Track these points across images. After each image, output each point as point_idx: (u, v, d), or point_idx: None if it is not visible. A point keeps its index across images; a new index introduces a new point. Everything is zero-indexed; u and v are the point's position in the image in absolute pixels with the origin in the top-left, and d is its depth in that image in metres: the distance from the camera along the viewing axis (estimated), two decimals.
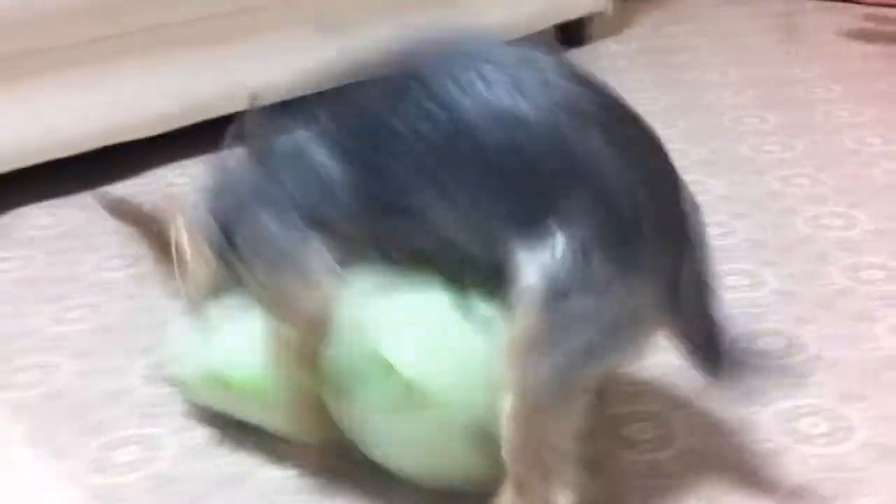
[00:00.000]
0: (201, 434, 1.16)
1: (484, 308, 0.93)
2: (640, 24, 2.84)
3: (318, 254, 0.95)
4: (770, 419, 1.11)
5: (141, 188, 1.94)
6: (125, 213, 1.04)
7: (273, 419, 1.08)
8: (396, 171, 0.92)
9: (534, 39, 2.61)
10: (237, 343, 1.07)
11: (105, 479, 1.09)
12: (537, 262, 0.86)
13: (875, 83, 2.20)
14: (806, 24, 2.78)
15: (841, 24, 2.68)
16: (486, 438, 0.91)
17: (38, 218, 1.82)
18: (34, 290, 1.55)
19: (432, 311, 0.94)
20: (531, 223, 0.87)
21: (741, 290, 1.37)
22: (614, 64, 2.49)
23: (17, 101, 1.81)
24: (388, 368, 0.92)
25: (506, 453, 0.89)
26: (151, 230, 1.04)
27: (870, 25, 2.63)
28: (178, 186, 1.94)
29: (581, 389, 0.90)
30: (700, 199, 0.97)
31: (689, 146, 1.87)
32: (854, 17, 2.72)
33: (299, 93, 1.04)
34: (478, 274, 0.92)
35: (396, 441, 0.96)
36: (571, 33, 2.69)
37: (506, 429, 0.88)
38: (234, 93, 2.03)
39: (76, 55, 1.86)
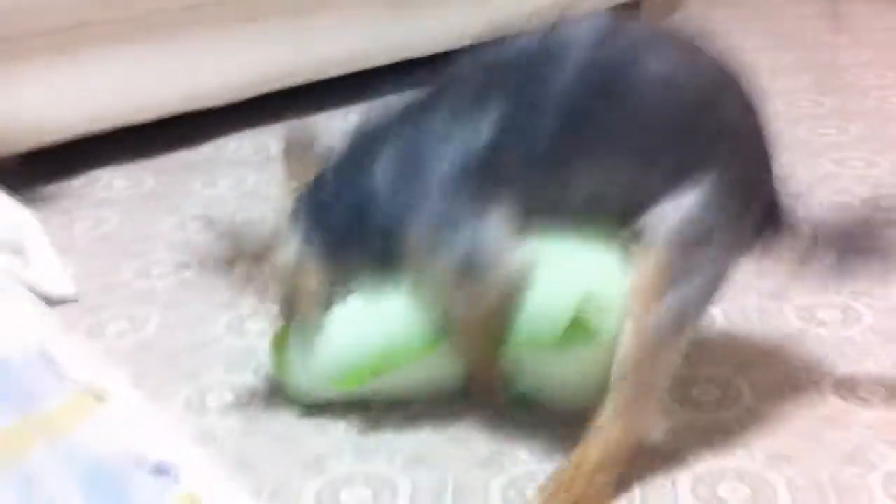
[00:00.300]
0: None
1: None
2: (691, 8, 2.87)
3: (498, 229, 0.99)
4: (830, 387, 1.16)
5: (207, 155, 2.01)
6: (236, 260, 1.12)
7: (433, 384, 1.15)
8: (556, 134, 0.97)
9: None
10: (366, 333, 1.12)
11: (200, 420, 1.17)
12: (681, 209, 0.94)
13: None
14: (852, 11, 2.80)
15: (886, 11, 2.70)
16: None
17: (113, 180, 1.89)
18: (116, 247, 1.63)
19: (592, 260, 1.02)
20: (679, 176, 0.95)
21: None
22: None
23: (94, 68, 1.88)
24: (572, 314, 1.01)
25: (616, 377, 0.97)
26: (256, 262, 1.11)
27: None
28: (241, 154, 2.00)
29: (696, 322, 0.99)
30: None
31: None
32: None
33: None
34: (615, 226, 0.99)
35: (565, 374, 1.07)
36: (623, 16, 2.73)
37: (622, 356, 0.96)
38: (301, 65, 2.12)
39: (152, 24, 1.92)
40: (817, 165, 1.76)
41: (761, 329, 1.27)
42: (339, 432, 1.14)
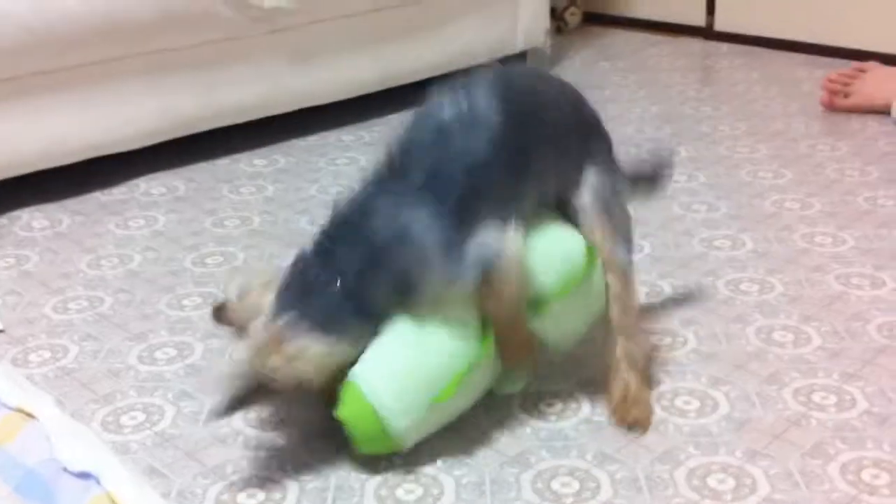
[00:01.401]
0: (195, 403, 1.41)
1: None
2: (573, 60, 3.14)
3: (491, 237, 1.20)
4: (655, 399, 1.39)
5: (120, 196, 2.17)
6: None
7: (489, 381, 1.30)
8: (539, 150, 1.28)
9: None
10: (429, 352, 1.22)
11: (115, 437, 1.33)
12: (594, 185, 1.33)
13: (775, 123, 2.51)
14: (717, 65, 3.10)
15: (751, 67, 3.00)
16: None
17: (32, 220, 2.05)
18: (36, 283, 1.78)
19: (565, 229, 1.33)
20: (581, 164, 1.33)
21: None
22: None
23: (17, 116, 2.04)
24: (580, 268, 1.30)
25: (616, 312, 1.32)
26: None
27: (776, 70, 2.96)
28: (152, 195, 2.17)
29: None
30: None
31: None
32: (763, 61, 3.05)
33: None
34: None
35: (573, 317, 1.33)
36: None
37: (614, 295, 1.32)
38: (210, 112, 2.30)
39: (70, 76, 2.09)
40: (666, 208, 2.00)
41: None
42: (237, 446, 1.32)
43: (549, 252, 1.29)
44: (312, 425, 1.34)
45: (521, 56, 2.95)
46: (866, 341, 1.51)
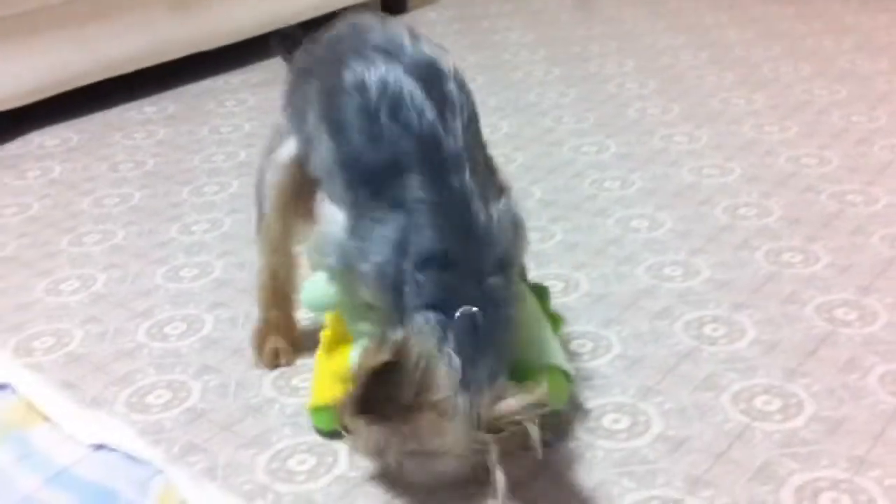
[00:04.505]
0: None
1: None
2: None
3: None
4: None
5: (15, 151, 2.21)
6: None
7: None
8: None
9: (359, 9, 2.97)
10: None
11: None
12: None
13: (642, 39, 2.66)
14: (602, 4, 3.19)
15: (633, 5, 3.10)
16: None
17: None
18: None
19: None
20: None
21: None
22: (432, 30, 2.83)
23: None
24: None
25: None
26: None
27: None
28: (47, 149, 2.22)
29: None
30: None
31: (487, 96, 2.29)
32: None
33: None
34: None
35: None
36: (393, 2, 3.05)
37: None
38: (96, 65, 2.34)
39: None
40: (539, 123, 2.14)
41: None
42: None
43: None
44: None
45: (363, 7, 3.00)
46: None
